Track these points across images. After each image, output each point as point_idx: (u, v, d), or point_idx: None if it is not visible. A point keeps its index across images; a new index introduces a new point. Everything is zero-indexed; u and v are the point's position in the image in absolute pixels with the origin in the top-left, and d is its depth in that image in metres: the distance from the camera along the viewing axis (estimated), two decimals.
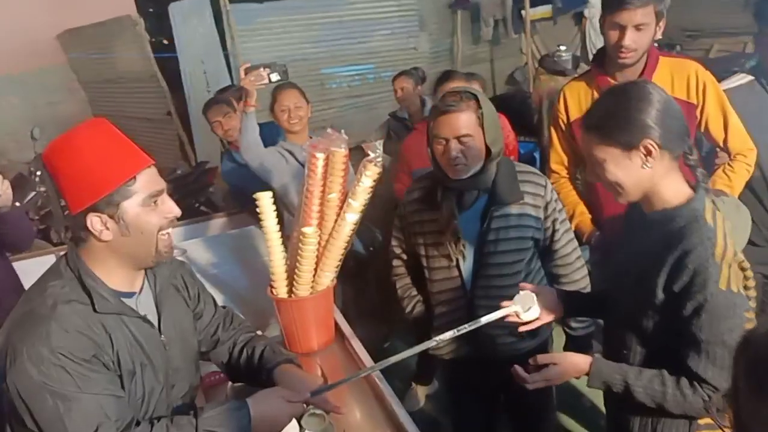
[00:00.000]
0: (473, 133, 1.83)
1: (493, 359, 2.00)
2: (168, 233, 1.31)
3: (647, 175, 1.35)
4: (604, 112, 1.37)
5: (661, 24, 2.09)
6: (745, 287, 1.34)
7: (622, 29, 2.02)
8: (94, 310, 1.23)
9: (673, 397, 1.34)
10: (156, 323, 1.37)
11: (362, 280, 2.82)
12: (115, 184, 1.21)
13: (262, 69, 2.70)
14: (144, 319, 1.33)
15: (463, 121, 1.82)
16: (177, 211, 1.32)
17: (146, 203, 1.24)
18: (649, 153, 1.32)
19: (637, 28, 2.02)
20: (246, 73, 2.70)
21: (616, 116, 1.34)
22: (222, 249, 2.75)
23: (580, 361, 1.45)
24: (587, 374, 1.45)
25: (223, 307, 1.68)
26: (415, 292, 2.16)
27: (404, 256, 2.17)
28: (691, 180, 1.42)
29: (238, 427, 1.25)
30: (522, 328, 1.65)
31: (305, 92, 3.07)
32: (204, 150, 7.46)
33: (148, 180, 1.25)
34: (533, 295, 1.57)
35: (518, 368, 1.50)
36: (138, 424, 1.23)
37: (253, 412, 1.28)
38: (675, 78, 2.16)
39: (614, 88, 1.43)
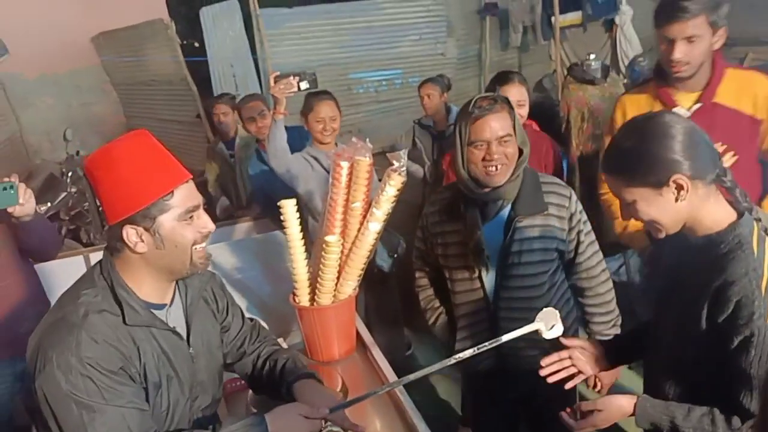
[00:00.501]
0: (511, 133, 1.82)
1: (516, 371, 1.98)
2: (203, 247, 1.31)
3: (684, 207, 1.29)
4: (625, 154, 1.31)
5: (721, 33, 2.00)
6: None
7: (672, 42, 1.97)
8: (124, 322, 1.24)
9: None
10: (185, 335, 1.38)
11: (385, 288, 2.81)
12: (152, 198, 1.22)
13: (291, 77, 2.73)
14: (173, 331, 1.34)
15: (503, 123, 1.81)
16: (212, 227, 1.32)
17: (182, 218, 1.25)
18: (680, 188, 1.27)
19: (689, 40, 1.95)
20: (275, 82, 2.72)
21: (639, 157, 1.28)
22: (246, 254, 2.76)
23: (624, 403, 1.40)
24: (633, 415, 1.40)
25: (251, 319, 1.69)
26: (438, 304, 2.14)
27: (427, 268, 2.16)
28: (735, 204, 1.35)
29: None
30: (568, 385, 1.61)
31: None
32: None
33: (185, 195, 1.26)
34: (556, 312, 1.54)
35: (564, 415, 1.48)
36: None
37: (271, 428, 1.28)
38: (742, 91, 2.07)
39: (631, 125, 1.35)
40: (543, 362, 1.57)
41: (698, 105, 2.04)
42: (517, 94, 2.51)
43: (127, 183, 1.22)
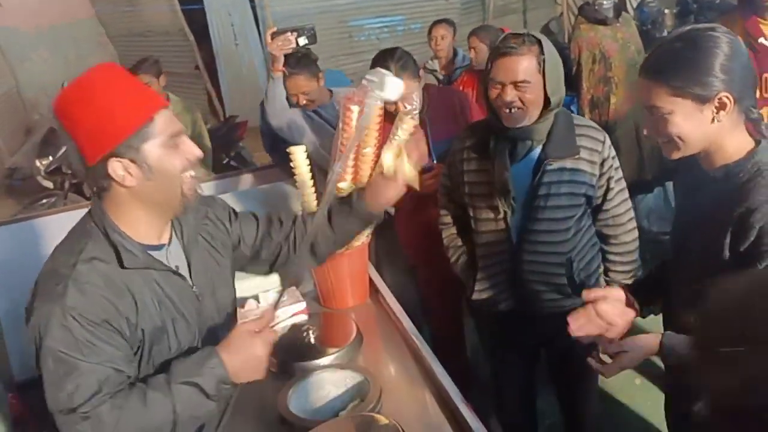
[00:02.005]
0: (532, 79, 1.73)
1: (536, 314, 1.97)
2: (191, 174, 1.25)
3: (715, 129, 1.25)
4: (675, 60, 1.24)
5: None
6: None
7: None
8: (122, 266, 1.20)
9: None
10: (187, 275, 1.34)
11: (394, 232, 2.79)
12: (134, 127, 1.16)
13: (289, 33, 2.61)
14: (174, 271, 1.30)
15: (523, 65, 1.72)
16: (198, 152, 1.26)
17: (167, 144, 1.20)
18: (723, 107, 1.23)
19: None
20: (273, 38, 2.62)
21: (690, 66, 1.23)
22: (254, 204, 2.72)
23: (650, 341, 1.37)
24: (659, 353, 1.36)
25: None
26: (460, 243, 2.11)
27: (451, 205, 2.12)
28: (755, 135, 1.32)
29: (213, 375, 1.20)
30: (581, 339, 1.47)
31: (333, 45, 3.05)
32: (232, 104, 7.45)
33: (166, 121, 1.20)
34: (380, 70, 1.41)
35: (592, 361, 1.45)
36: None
37: (223, 355, 1.22)
38: None
39: (683, 34, 1.28)
40: (571, 322, 1.45)
41: None
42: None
43: (107, 114, 1.15)
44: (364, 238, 2.01)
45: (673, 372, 1.47)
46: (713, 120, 1.24)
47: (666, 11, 6.57)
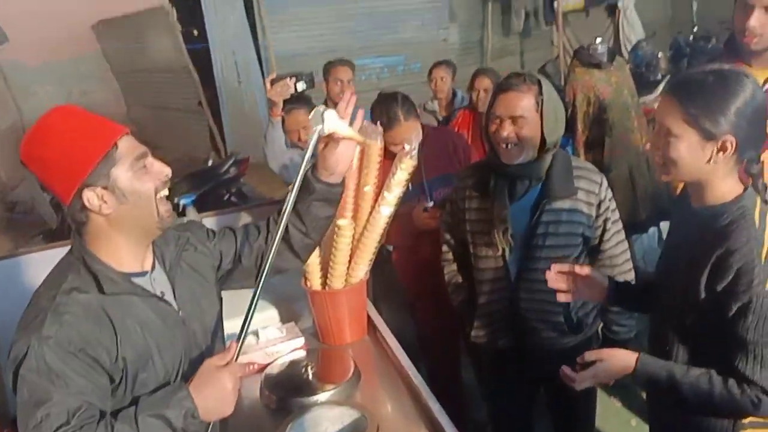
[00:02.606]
0: (529, 116, 1.80)
1: (534, 351, 1.99)
2: (164, 194, 1.28)
3: (709, 168, 1.31)
4: (699, 89, 1.29)
5: None
6: None
7: (750, 10, 1.85)
8: (102, 292, 1.22)
9: (720, 397, 1.30)
10: (172, 300, 1.35)
11: (393, 269, 2.82)
12: (99, 155, 1.19)
13: (288, 79, 2.70)
14: (159, 297, 1.32)
15: (521, 102, 1.80)
16: (168, 170, 1.29)
17: (135, 166, 1.23)
18: (724, 149, 1.28)
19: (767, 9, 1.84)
20: (272, 84, 2.70)
21: (711, 99, 1.27)
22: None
23: (627, 357, 1.42)
24: (633, 371, 1.41)
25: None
26: (460, 279, 2.15)
27: (452, 242, 2.16)
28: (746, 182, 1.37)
29: (181, 407, 1.19)
30: (560, 297, 1.61)
31: None
32: (234, 141, 7.54)
33: (129, 145, 1.24)
34: (319, 107, 1.47)
35: (566, 368, 1.47)
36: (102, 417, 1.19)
37: (191, 389, 1.22)
38: None
39: (717, 70, 1.32)
40: (552, 267, 1.59)
41: None
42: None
43: (71, 150, 1.19)
44: (363, 275, 2.04)
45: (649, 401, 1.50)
46: (710, 159, 1.29)
47: (660, 54, 6.72)
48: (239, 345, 1.31)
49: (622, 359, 1.42)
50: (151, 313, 1.29)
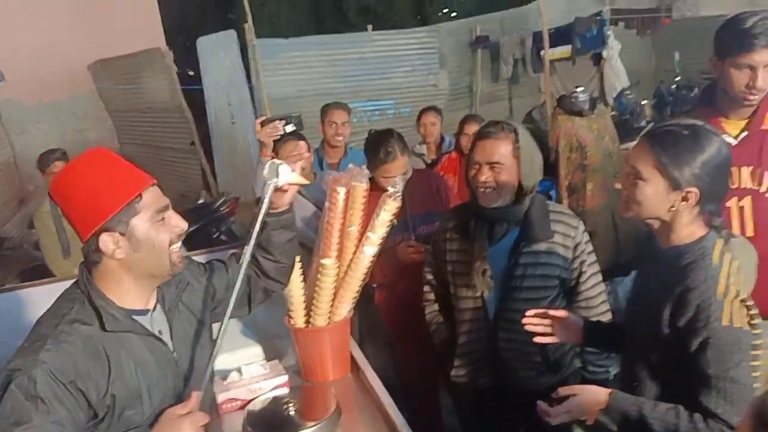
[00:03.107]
0: (505, 162, 1.89)
1: (513, 391, 2.02)
2: (178, 246, 1.35)
3: (670, 215, 1.40)
4: (671, 139, 1.38)
5: None
6: (751, 324, 1.37)
7: (753, 70, 1.90)
8: (103, 329, 1.27)
9: (686, 430, 1.35)
10: (169, 340, 1.40)
11: (377, 308, 2.86)
12: (122, 202, 1.26)
13: (277, 121, 2.79)
14: (157, 336, 1.36)
15: (498, 148, 1.89)
16: (184, 225, 1.36)
17: (154, 218, 1.29)
18: (686, 200, 1.37)
19: (766, 67, 1.92)
20: (262, 126, 2.79)
21: (680, 151, 1.36)
22: None
23: (600, 392, 1.47)
24: (605, 406, 1.46)
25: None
26: (442, 319, 2.20)
27: (434, 282, 2.23)
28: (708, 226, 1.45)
29: None
30: (537, 339, 1.67)
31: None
32: (226, 180, 7.60)
33: (153, 197, 1.31)
34: (273, 160, 1.57)
35: (541, 403, 1.52)
36: None
37: None
38: None
39: (692, 125, 1.42)
40: (528, 312, 1.66)
41: (745, 133, 2.01)
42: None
43: (96, 193, 1.25)
44: (346, 313, 2.08)
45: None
46: (672, 206, 1.38)
47: (644, 102, 6.90)
48: (202, 392, 1.34)
49: (596, 394, 1.47)
50: (147, 352, 1.33)
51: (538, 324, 1.68)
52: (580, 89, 3.69)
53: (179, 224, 1.35)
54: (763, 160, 1.95)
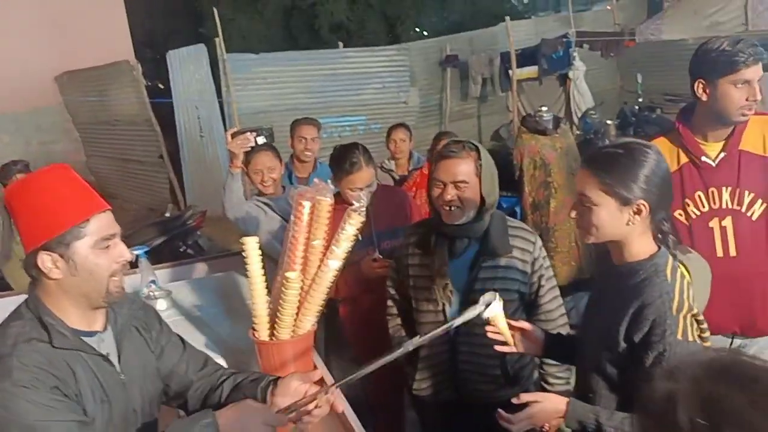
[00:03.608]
0: (470, 180, 1.92)
1: (473, 404, 2.05)
2: (117, 278, 1.33)
3: (627, 230, 1.45)
4: (610, 162, 1.43)
5: None
6: (701, 338, 1.43)
7: (750, 84, 1.94)
8: (53, 345, 1.26)
9: None
10: (116, 362, 1.39)
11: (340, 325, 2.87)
12: (68, 225, 1.25)
13: (249, 133, 2.81)
14: (104, 357, 1.35)
15: (462, 167, 1.92)
16: (128, 256, 1.35)
17: (97, 245, 1.28)
18: (638, 212, 1.42)
19: (759, 81, 1.95)
20: (233, 137, 2.81)
21: (621, 170, 1.41)
22: (206, 291, 2.79)
23: (559, 401, 1.51)
24: (564, 414, 1.50)
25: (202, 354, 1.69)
26: (404, 333, 2.22)
27: (398, 297, 2.25)
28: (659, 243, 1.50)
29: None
30: (498, 348, 1.69)
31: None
32: (194, 193, 7.55)
33: (102, 224, 1.30)
34: (495, 293, 1.57)
35: (502, 411, 1.55)
36: None
37: (221, 421, 1.27)
38: (766, 136, 2.07)
39: (625, 143, 1.49)
40: (488, 327, 1.66)
41: (723, 154, 2.04)
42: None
43: (45, 210, 1.25)
44: (310, 326, 2.09)
45: None
46: (628, 222, 1.43)
47: (609, 122, 7.05)
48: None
49: (555, 402, 1.52)
50: (97, 372, 1.33)
51: (498, 333, 1.70)
52: (544, 109, 3.77)
53: (123, 254, 1.33)
54: (741, 180, 2.00)
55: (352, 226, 2.02)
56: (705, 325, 1.43)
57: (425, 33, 12.43)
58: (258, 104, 7.30)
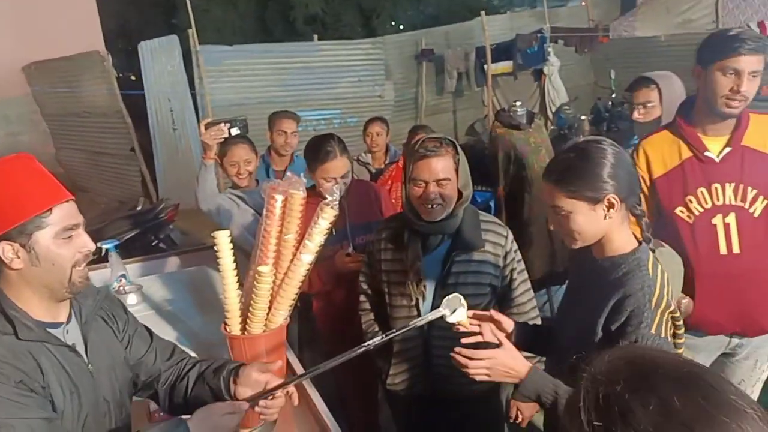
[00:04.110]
0: (450, 177, 1.91)
1: (447, 398, 2.05)
2: (80, 268, 1.32)
3: (607, 224, 1.46)
4: (569, 169, 1.44)
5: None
6: (675, 335, 1.45)
7: (739, 75, 1.89)
8: (17, 337, 1.25)
9: None
10: (83, 352, 1.38)
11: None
12: (29, 214, 1.24)
13: (222, 124, 2.77)
14: (70, 348, 1.34)
15: (443, 165, 1.90)
16: (91, 246, 1.34)
17: (59, 236, 1.27)
18: (611, 206, 1.43)
19: (752, 75, 1.90)
20: (206, 128, 2.76)
21: (582, 174, 1.42)
22: (177, 286, 2.75)
23: (521, 362, 1.47)
24: (524, 378, 1.46)
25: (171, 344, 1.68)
26: (377, 328, 2.21)
27: (370, 292, 2.24)
28: (636, 230, 1.52)
29: None
30: (464, 340, 1.61)
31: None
32: (166, 186, 7.46)
33: (64, 214, 1.29)
34: (460, 297, 1.57)
35: (458, 355, 1.50)
36: None
37: (192, 426, 1.29)
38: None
39: (576, 146, 1.50)
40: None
41: (728, 149, 2.02)
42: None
43: (5, 199, 1.24)
44: (282, 321, 2.07)
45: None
46: (605, 217, 1.44)
47: (583, 117, 7.12)
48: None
49: (517, 359, 1.48)
50: (64, 362, 1.32)
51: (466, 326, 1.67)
52: (518, 103, 3.78)
53: (86, 245, 1.32)
54: (745, 176, 1.98)
55: (325, 220, 2.01)
56: (681, 323, 1.45)
57: (401, 27, 12.43)
58: (231, 96, 7.23)
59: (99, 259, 2.92)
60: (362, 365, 2.50)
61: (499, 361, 1.47)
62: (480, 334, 1.66)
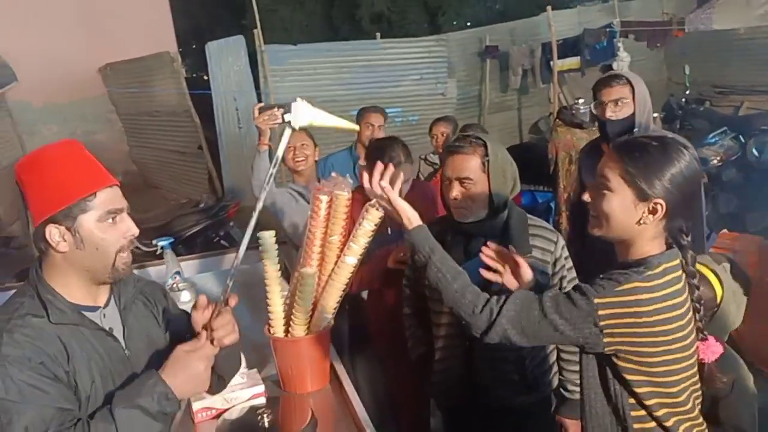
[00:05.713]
0: (475, 177, 1.85)
1: (489, 409, 1.97)
2: (125, 254, 1.35)
3: (637, 230, 1.35)
4: (642, 150, 1.36)
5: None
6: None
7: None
8: (50, 321, 1.28)
9: (453, 296, 1.46)
10: (121, 338, 1.40)
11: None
12: (74, 197, 1.27)
13: (276, 108, 2.75)
14: (107, 332, 1.36)
15: (466, 164, 1.85)
16: (135, 231, 1.36)
17: (103, 219, 1.30)
18: (654, 212, 1.33)
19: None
20: (260, 113, 2.74)
21: (649, 162, 1.34)
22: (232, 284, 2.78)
23: (413, 216, 1.61)
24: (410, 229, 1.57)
25: None
26: (420, 332, 2.16)
27: (414, 296, 2.19)
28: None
29: (153, 392, 1.26)
30: (484, 274, 1.65)
31: (333, 132, 3.27)
32: (232, 184, 7.63)
33: (108, 198, 1.31)
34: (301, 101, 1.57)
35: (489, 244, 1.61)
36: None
37: (162, 375, 1.28)
38: None
39: (661, 137, 1.41)
40: (489, 244, 1.66)
41: None
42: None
43: (52, 184, 1.26)
44: (326, 324, 2.05)
45: None
46: (640, 220, 1.34)
47: (655, 115, 6.82)
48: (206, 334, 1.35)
49: (408, 214, 1.63)
50: (99, 346, 1.34)
51: (491, 258, 1.65)
52: (581, 101, 3.65)
53: (131, 229, 1.35)
54: None
55: (370, 222, 1.97)
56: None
57: (467, 23, 12.28)
58: (295, 96, 7.27)
59: (154, 256, 3.00)
60: (412, 369, 2.46)
61: (392, 194, 1.62)
62: (497, 272, 1.64)
